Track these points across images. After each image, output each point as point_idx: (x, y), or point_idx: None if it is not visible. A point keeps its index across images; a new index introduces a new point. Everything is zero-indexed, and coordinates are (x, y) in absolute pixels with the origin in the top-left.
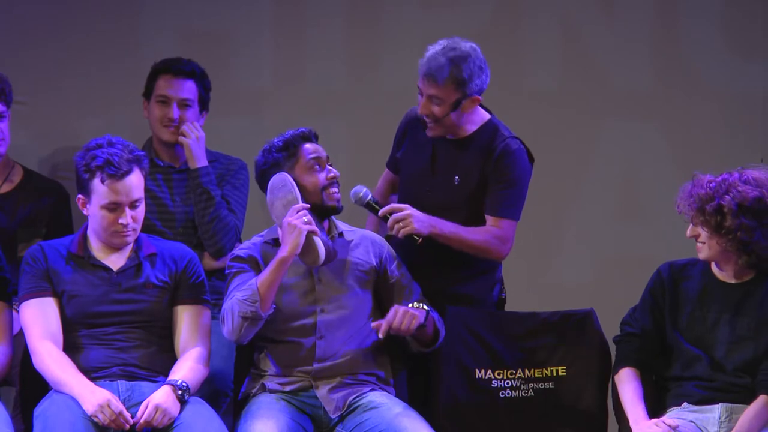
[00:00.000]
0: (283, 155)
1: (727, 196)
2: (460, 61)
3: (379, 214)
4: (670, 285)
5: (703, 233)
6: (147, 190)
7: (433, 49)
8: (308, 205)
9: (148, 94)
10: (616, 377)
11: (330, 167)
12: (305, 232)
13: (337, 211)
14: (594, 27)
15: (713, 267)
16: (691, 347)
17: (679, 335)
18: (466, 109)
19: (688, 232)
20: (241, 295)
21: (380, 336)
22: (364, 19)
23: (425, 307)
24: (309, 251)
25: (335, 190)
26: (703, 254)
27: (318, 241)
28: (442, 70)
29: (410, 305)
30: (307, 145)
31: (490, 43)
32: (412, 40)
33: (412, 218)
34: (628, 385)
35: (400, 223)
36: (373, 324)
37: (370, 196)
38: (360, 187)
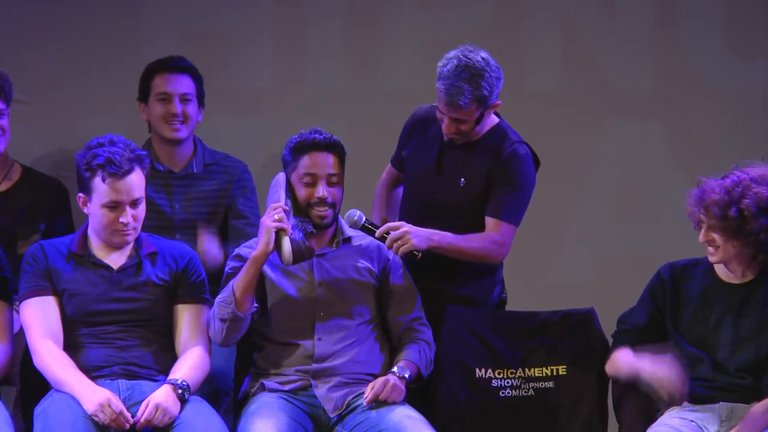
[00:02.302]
0: (290, 157)
1: (745, 200)
2: (478, 80)
3: (376, 235)
4: (671, 286)
5: (718, 237)
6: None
7: (445, 67)
8: (286, 207)
9: (144, 96)
10: (610, 357)
11: (325, 187)
12: (273, 231)
13: (321, 227)
14: (594, 27)
15: (716, 267)
16: (692, 349)
17: (680, 337)
18: (488, 116)
19: (702, 238)
20: (220, 297)
21: (365, 404)
22: (364, 19)
23: (407, 377)
24: (279, 250)
25: (321, 209)
26: (716, 258)
27: (286, 240)
28: (463, 95)
29: (394, 371)
30: (311, 156)
31: (490, 43)
32: (412, 40)
33: (410, 235)
34: (621, 349)
35: (399, 242)
36: (365, 398)
37: (364, 219)
38: (353, 211)
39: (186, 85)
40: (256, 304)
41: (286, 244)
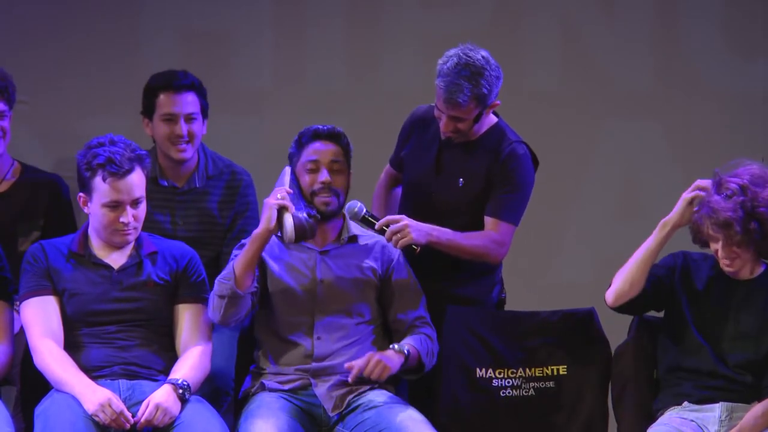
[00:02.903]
0: (294, 150)
1: (759, 209)
2: (478, 78)
3: (376, 227)
4: (682, 271)
5: (739, 250)
6: (146, 212)
7: (445, 65)
8: (290, 190)
9: (148, 112)
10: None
11: (328, 173)
12: (275, 208)
13: (325, 216)
14: (594, 27)
15: None
16: (697, 334)
17: (690, 319)
18: (486, 115)
19: (722, 254)
20: (220, 275)
21: (350, 380)
22: (364, 19)
23: (406, 350)
24: (281, 228)
25: (325, 195)
26: (736, 267)
27: (287, 217)
28: (462, 93)
29: (393, 346)
30: (313, 145)
31: (490, 43)
32: (412, 40)
33: (410, 228)
34: None
35: (398, 235)
36: (347, 365)
37: (364, 211)
38: (354, 202)
39: (191, 104)
40: (256, 284)
41: (288, 221)
